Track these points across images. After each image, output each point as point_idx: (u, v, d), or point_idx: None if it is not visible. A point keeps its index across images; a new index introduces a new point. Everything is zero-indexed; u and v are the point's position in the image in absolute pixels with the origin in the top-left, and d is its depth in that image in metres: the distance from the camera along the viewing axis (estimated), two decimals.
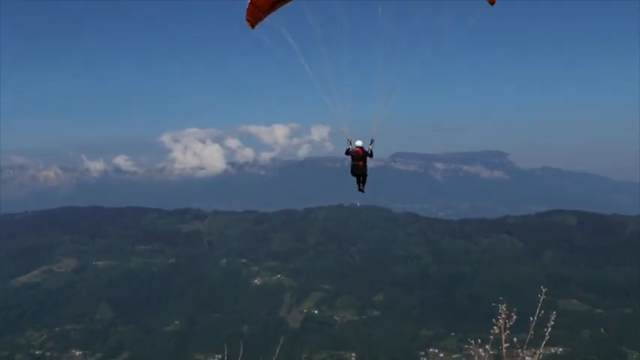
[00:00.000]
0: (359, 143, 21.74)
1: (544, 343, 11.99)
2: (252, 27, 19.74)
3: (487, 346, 12.02)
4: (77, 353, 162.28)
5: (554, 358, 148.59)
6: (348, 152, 21.89)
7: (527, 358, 12.45)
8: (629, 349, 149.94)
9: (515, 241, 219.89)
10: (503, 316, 12.03)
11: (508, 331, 11.96)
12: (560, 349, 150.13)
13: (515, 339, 12.06)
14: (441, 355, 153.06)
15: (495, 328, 11.98)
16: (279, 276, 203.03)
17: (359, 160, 21.84)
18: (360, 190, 22.41)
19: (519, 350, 12.33)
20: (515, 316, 12.13)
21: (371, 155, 21.82)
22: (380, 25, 20.22)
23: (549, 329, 12.02)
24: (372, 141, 21.65)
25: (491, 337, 12.04)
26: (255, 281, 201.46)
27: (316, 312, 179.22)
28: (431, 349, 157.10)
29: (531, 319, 12.23)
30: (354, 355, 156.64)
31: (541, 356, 11.98)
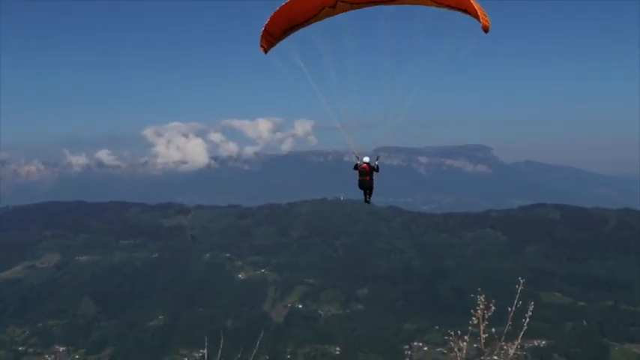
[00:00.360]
0: (366, 159, 22.92)
1: (522, 333, 12.03)
2: (266, 52, 20.36)
3: (466, 337, 12.05)
4: (60, 349, 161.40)
5: (538, 350, 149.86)
6: (356, 167, 23.00)
7: (510, 350, 12.47)
8: (611, 342, 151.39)
9: (499, 235, 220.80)
10: (481, 307, 12.06)
11: (487, 322, 11.99)
12: (544, 342, 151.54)
13: (493, 329, 12.07)
14: (425, 348, 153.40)
15: (474, 319, 12.02)
16: (262, 270, 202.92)
17: (366, 175, 23.07)
18: (366, 201, 23.71)
19: (502, 343, 12.35)
20: (493, 307, 12.16)
21: (377, 170, 23.10)
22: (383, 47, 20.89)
23: (527, 320, 12.05)
24: (377, 157, 23.05)
25: (470, 327, 12.07)
26: (239, 276, 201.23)
27: (300, 306, 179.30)
28: (415, 343, 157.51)
29: (509, 309, 12.28)
30: (338, 349, 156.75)
31: (519, 346, 12.01)
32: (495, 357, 12.61)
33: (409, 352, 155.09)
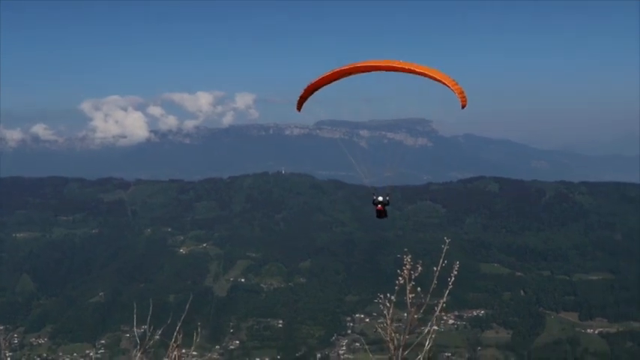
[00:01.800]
0: (381, 199, 27.11)
1: (447, 291, 12.42)
2: (299, 110, 25.38)
3: (392, 297, 12.39)
4: None
5: (477, 320, 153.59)
6: (374, 203, 27.08)
7: (435, 309, 12.77)
8: (546, 310, 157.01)
9: (438, 208, 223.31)
10: (407, 267, 12.39)
11: (413, 282, 12.33)
12: (482, 312, 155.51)
13: (419, 289, 12.41)
14: (367, 320, 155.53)
15: (400, 279, 12.35)
16: (204, 245, 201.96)
17: (382, 212, 27.41)
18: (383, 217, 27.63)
19: (428, 301, 12.65)
20: (420, 268, 12.48)
21: (388, 204, 27.45)
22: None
23: (453, 279, 12.43)
24: (388, 194, 27.33)
25: (396, 287, 12.40)
26: (181, 250, 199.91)
27: (243, 280, 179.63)
28: (357, 315, 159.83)
29: (435, 269, 12.64)
30: (281, 322, 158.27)
31: (445, 304, 12.40)
32: (435, 327, 12.89)
33: (351, 324, 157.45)
